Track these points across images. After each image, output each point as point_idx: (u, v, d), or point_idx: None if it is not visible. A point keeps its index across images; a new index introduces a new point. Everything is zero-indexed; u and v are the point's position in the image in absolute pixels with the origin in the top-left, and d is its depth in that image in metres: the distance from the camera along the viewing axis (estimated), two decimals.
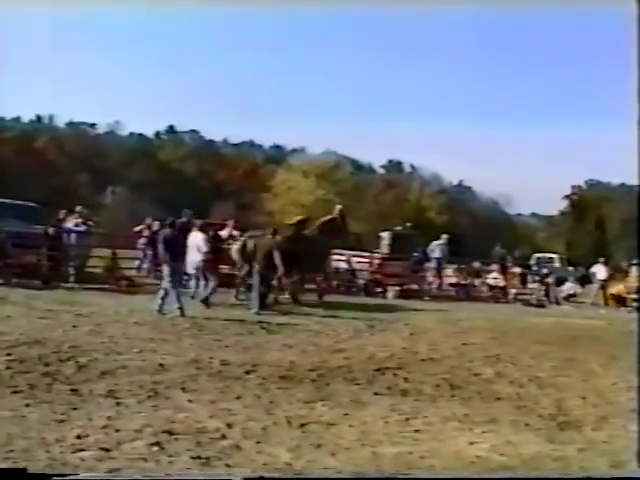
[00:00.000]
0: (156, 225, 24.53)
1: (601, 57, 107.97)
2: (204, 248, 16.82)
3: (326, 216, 22.25)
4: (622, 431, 8.28)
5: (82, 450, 6.18)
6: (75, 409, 7.44)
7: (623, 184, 78.94)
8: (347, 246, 24.94)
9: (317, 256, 20.14)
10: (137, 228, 25.65)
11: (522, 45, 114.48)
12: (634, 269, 28.98)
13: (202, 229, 17.34)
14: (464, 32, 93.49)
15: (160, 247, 15.58)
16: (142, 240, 24.69)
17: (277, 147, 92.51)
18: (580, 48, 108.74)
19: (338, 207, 24.41)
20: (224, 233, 23.00)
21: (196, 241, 16.85)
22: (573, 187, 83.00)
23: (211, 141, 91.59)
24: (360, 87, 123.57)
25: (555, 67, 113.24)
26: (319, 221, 21.63)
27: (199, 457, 6.22)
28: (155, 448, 6.36)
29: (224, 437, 6.84)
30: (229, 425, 7.21)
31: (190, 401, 8.09)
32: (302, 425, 7.43)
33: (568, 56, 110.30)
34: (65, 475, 5.21)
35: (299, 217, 22.21)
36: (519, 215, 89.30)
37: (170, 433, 6.80)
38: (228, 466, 6.06)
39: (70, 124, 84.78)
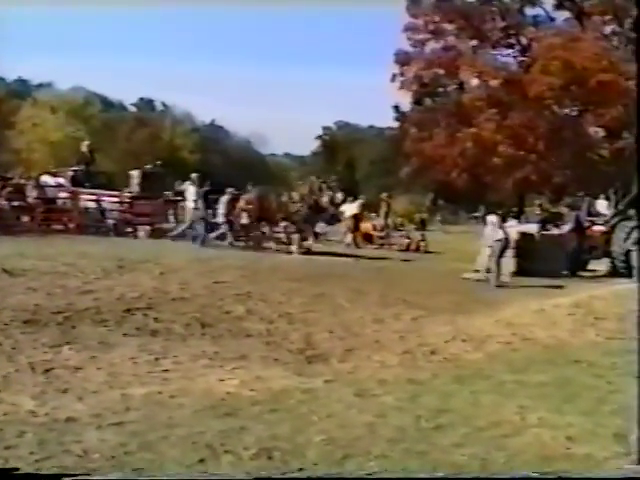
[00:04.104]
0: None
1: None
2: None
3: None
4: (366, 361, 8.67)
5: None
6: None
7: (372, 126, 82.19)
8: (97, 185, 24.30)
9: None
10: None
11: None
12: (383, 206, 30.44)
13: None
14: None
15: None
16: None
17: (21, 81, 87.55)
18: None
19: (85, 143, 23.80)
20: None
21: None
22: (324, 128, 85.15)
23: None
24: (111, 24, 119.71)
25: (313, 18, 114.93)
26: None
27: None
28: None
29: None
30: None
31: None
32: (47, 370, 7.19)
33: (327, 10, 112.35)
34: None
35: None
36: (272, 155, 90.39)
37: None
38: None
39: None
